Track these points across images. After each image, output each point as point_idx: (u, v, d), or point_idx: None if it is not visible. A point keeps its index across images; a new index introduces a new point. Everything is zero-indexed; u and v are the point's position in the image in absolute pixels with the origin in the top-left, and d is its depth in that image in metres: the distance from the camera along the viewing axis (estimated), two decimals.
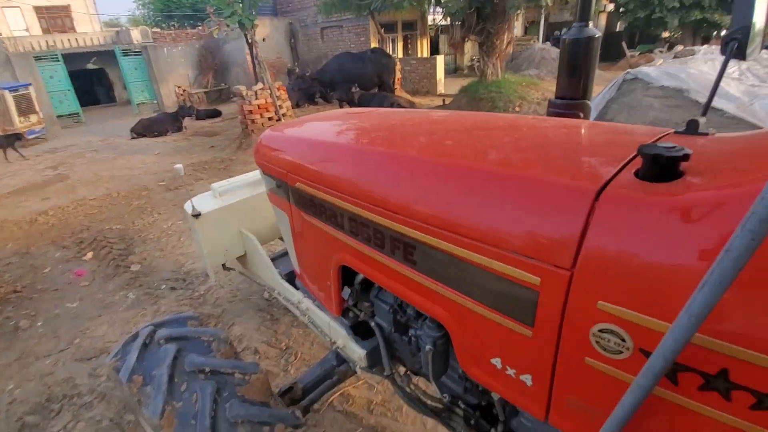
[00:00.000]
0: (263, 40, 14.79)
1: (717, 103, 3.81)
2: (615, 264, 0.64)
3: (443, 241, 0.89)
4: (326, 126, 1.59)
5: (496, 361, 0.90)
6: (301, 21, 16.66)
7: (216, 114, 12.56)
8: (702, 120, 0.88)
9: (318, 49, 16.37)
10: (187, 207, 2.14)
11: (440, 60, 14.13)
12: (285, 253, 2.25)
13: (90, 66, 17.58)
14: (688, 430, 0.64)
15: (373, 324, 1.42)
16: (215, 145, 8.85)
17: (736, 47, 0.86)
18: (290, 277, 1.98)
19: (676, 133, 0.91)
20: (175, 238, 4.46)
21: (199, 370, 1.21)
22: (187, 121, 11.22)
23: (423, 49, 17.42)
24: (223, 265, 2.37)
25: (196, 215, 2.09)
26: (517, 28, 18.43)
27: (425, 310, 1.04)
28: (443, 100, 11.42)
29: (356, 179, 1.14)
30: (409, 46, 17.47)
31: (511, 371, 0.87)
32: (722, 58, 0.87)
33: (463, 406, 1.25)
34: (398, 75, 11.94)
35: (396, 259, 1.05)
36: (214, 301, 3.24)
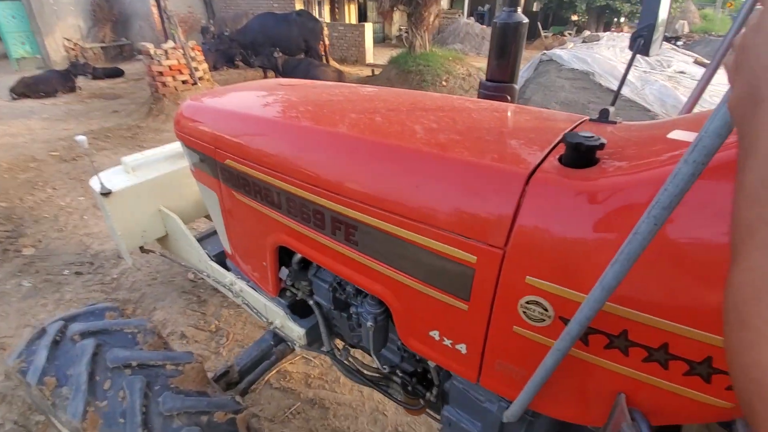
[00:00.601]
0: None
1: (614, 87, 4.27)
2: (541, 242, 0.71)
3: (387, 223, 0.91)
4: (258, 98, 1.49)
5: (434, 333, 0.96)
6: None
7: (118, 73, 11.06)
8: (611, 109, 0.99)
9: (236, 6, 15.00)
10: (94, 184, 1.90)
11: (369, 28, 13.77)
12: (213, 233, 2.12)
13: None
14: (594, 382, 0.75)
15: (311, 302, 1.42)
16: (118, 109, 7.84)
17: (642, 44, 0.96)
18: (220, 258, 1.88)
19: (590, 120, 1.01)
20: (76, 216, 3.95)
21: (125, 365, 1.11)
22: (81, 81, 9.74)
23: (351, 15, 16.86)
24: (141, 248, 2.17)
25: (106, 193, 1.86)
26: (443, 0, 18.56)
27: (367, 289, 1.07)
28: (372, 71, 11.25)
29: (296, 158, 1.10)
30: (336, 11, 16.77)
31: (447, 342, 0.94)
32: (624, 45, 0.98)
33: (400, 374, 1.32)
34: (327, 42, 11.44)
35: (337, 240, 1.05)
36: (131, 285, 2.98)
